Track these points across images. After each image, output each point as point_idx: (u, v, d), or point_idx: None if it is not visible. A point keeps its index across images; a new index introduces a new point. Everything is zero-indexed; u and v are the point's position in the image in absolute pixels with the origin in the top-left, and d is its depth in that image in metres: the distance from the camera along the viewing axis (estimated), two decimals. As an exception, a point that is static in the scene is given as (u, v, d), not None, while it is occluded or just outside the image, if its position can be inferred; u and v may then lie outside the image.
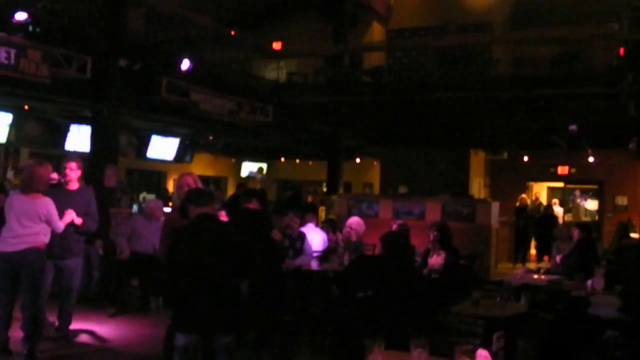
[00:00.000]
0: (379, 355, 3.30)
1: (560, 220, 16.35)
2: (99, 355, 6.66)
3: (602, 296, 6.18)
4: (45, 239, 6.07)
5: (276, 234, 7.54)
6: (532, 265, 13.67)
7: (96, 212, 6.75)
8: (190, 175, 5.65)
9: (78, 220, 6.37)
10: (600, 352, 3.52)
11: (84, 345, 6.98)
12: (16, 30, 8.88)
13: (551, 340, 3.94)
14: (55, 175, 6.45)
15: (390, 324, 4.61)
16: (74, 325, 7.07)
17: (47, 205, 6.05)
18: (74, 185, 6.64)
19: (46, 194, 6.09)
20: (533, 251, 16.52)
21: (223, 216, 7.51)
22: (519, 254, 15.99)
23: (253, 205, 7.50)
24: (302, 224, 8.78)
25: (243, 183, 16.68)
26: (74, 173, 6.58)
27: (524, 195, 17.34)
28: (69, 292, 6.77)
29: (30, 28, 9.21)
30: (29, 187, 6.02)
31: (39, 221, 5.96)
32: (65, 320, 6.86)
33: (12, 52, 8.69)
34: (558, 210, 17.74)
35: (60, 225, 6.14)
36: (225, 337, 4.51)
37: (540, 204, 17.91)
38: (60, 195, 6.34)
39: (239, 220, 7.36)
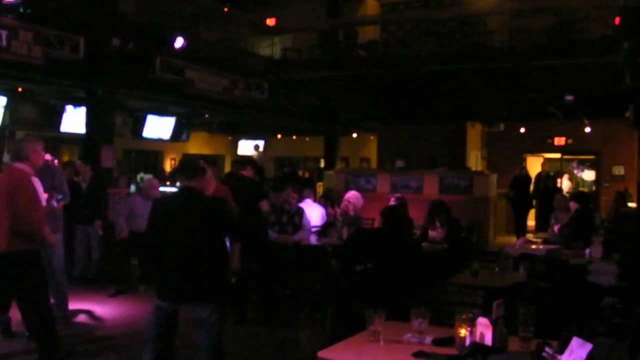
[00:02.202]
0: (380, 326, 3.32)
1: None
2: (99, 334, 6.67)
3: (600, 264, 6.22)
4: None
5: (264, 205, 7.53)
6: (529, 237, 13.67)
7: (64, 186, 6.75)
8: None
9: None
10: (599, 318, 3.55)
11: (84, 325, 7.01)
12: (7, 12, 8.79)
13: (551, 307, 3.98)
14: (48, 156, 6.49)
15: (390, 295, 4.63)
16: (74, 305, 7.10)
17: (35, 182, 6.04)
18: None
19: None
20: (532, 222, 16.42)
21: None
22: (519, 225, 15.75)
23: (248, 172, 7.50)
24: (300, 199, 8.78)
25: (239, 160, 16.64)
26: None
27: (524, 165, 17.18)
28: (53, 271, 6.72)
29: (21, 9, 9.11)
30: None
31: None
32: (61, 299, 6.77)
33: (4, 33, 8.62)
34: (567, 184, 17.55)
35: (44, 202, 6.15)
36: (202, 311, 4.47)
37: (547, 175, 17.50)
38: None
39: (230, 186, 7.37)
